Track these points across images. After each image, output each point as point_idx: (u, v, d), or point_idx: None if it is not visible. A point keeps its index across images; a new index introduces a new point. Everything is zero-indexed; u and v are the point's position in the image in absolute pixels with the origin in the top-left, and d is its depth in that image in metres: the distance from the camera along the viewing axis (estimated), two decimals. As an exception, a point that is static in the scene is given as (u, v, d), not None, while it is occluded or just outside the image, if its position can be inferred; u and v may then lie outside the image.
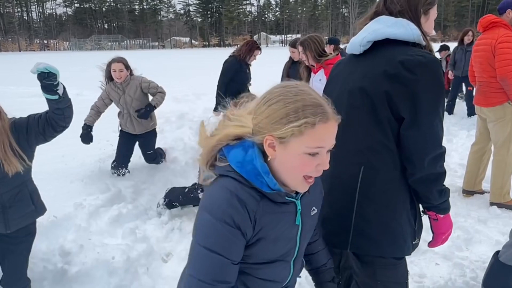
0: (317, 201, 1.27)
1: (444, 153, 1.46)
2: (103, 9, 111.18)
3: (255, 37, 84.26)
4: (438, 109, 1.42)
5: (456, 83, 7.89)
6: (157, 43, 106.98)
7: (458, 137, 6.17)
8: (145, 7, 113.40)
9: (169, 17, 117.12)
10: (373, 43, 1.52)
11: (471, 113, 7.16)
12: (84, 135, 4.09)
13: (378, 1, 1.60)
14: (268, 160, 1.07)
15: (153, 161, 4.55)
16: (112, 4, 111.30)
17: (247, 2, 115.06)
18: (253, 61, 5.00)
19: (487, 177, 4.05)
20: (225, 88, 4.83)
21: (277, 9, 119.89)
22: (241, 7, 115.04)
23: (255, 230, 1.06)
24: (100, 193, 3.78)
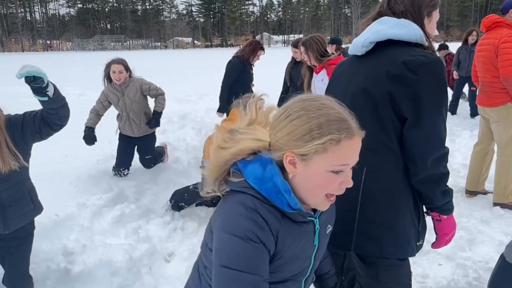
0: (332, 218, 1.23)
1: (447, 154, 1.46)
2: (106, 9, 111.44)
3: (258, 37, 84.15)
4: (441, 110, 1.42)
5: (459, 83, 7.87)
6: (159, 44, 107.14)
7: (461, 137, 6.16)
8: (147, 7, 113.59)
9: (171, 17, 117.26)
10: (375, 44, 1.51)
11: (474, 114, 7.14)
12: (87, 136, 4.06)
13: (381, 1, 1.59)
14: (288, 177, 1.01)
15: (151, 166, 4.45)
16: (115, 4, 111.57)
17: (250, 2, 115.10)
18: (257, 62, 5.01)
19: (490, 177, 4.03)
20: (229, 89, 4.83)
21: (280, 9, 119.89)
22: (243, 7, 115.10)
23: (276, 249, 1.01)
24: (103, 193, 3.79)
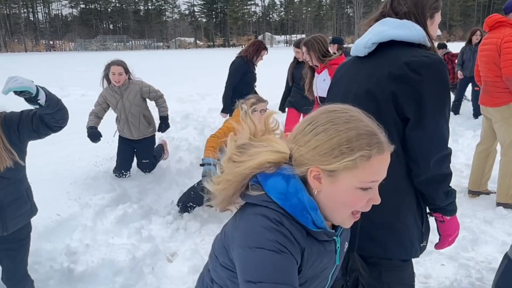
0: (348, 234, 1.18)
1: (450, 154, 1.45)
2: (109, 9, 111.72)
3: (260, 37, 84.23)
4: (443, 110, 1.42)
5: (463, 83, 7.85)
6: (162, 44, 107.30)
7: (464, 137, 6.14)
8: (150, 7, 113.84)
9: (174, 17, 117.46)
10: (378, 45, 1.51)
11: (477, 114, 7.12)
12: (91, 134, 3.99)
13: (384, 2, 1.59)
14: (312, 193, 0.96)
15: (148, 170, 4.35)
16: (117, 4, 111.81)
17: (252, 2, 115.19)
18: (260, 62, 5.00)
19: (493, 178, 4.03)
20: (232, 89, 4.83)
21: (282, 9, 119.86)
22: (245, 7, 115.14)
23: (300, 266, 0.95)
24: (105, 193, 3.80)
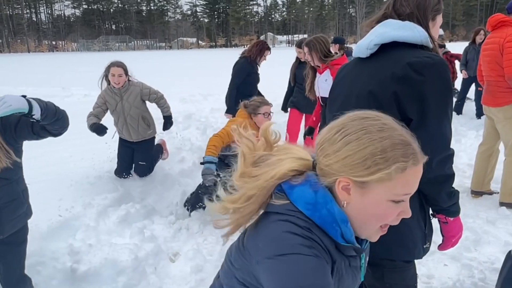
0: (369, 248, 1.12)
1: (452, 155, 1.45)
2: (111, 10, 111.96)
3: (262, 37, 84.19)
4: (446, 111, 1.42)
5: (466, 83, 7.83)
6: (164, 44, 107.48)
7: (466, 137, 6.13)
8: (152, 8, 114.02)
9: (176, 18, 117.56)
10: (380, 46, 1.51)
11: (480, 114, 7.10)
12: (97, 128, 3.91)
13: (387, 4, 1.59)
14: (340, 205, 0.91)
15: (144, 174, 4.23)
16: (119, 5, 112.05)
17: (254, 2, 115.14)
18: (263, 62, 5.00)
19: (496, 178, 4.02)
20: (236, 90, 4.83)
21: (284, 9, 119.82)
22: (247, 7, 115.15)
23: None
24: (108, 193, 3.81)
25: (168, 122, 4.40)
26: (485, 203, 3.87)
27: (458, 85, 8.28)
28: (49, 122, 1.97)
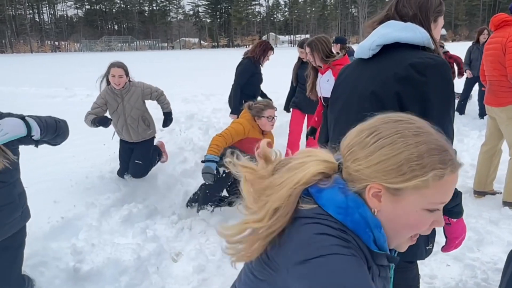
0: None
1: (454, 155, 1.45)
2: (113, 10, 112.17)
3: (264, 37, 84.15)
4: (448, 111, 1.42)
5: (469, 83, 7.80)
6: (166, 44, 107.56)
7: (469, 137, 6.12)
8: (154, 8, 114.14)
9: (178, 18, 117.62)
10: (382, 47, 1.52)
11: (482, 114, 7.08)
12: (100, 121, 3.83)
13: (389, 5, 1.60)
14: (372, 212, 0.86)
15: (138, 174, 4.12)
16: (122, 5, 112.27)
17: (256, 2, 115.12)
18: (266, 62, 5.00)
19: (498, 178, 4.01)
20: (240, 90, 4.83)
21: (286, 9, 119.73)
22: (250, 7, 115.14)
23: None
24: (110, 193, 3.83)
25: (168, 118, 4.37)
26: (488, 203, 3.86)
27: (458, 85, 8.25)
28: (49, 139, 1.96)
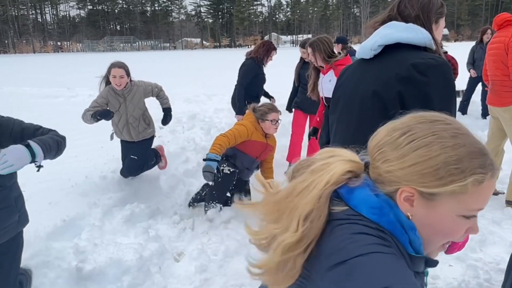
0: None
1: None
2: (116, 10, 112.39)
3: (266, 37, 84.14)
4: (450, 111, 1.43)
5: (472, 83, 7.78)
6: (168, 44, 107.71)
7: (471, 137, 6.09)
8: (156, 8, 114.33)
9: (180, 18, 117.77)
10: (384, 47, 1.53)
11: (485, 114, 7.06)
12: (101, 113, 3.74)
13: (391, 6, 1.61)
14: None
15: (131, 170, 4.01)
16: (124, 6, 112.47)
17: (258, 2, 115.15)
18: (269, 62, 5.00)
19: (501, 178, 3.99)
20: (244, 91, 4.83)
21: (288, 10, 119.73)
22: (252, 7, 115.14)
23: None
24: (113, 192, 3.83)
25: (168, 114, 4.32)
26: (490, 204, 3.85)
27: (460, 85, 8.23)
28: (51, 158, 1.98)
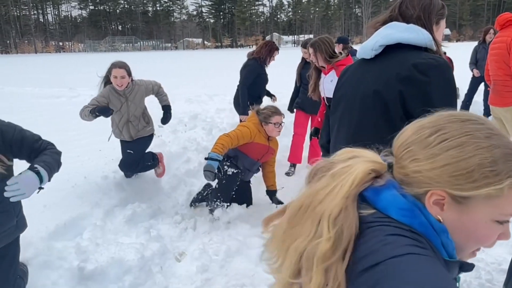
0: None
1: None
2: (117, 11, 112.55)
3: (268, 37, 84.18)
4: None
5: (475, 83, 7.76)
6: (170, 44, 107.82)
7: (473, 137, 6.08)
8: (158, 8, 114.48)
9: (182, 18, 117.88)
10: (384, 47, 1.54)
11: (487, 114, 7.03)
12: (100, 110, 3.65)
13: (393, 6, 1.62)
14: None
15: (126, 165, 3.95)
16: (126, 6, 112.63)
17: (260, 2, 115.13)
18: (272, 62, 5.00)
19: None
20: (247, 91, 4.83)
21: (290, 10, 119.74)
22: (253, 7, 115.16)
23: None
24: (114, 192, 3.84)
25: (168, 112, 4.27)
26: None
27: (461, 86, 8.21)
28: (52, 176, 2.02)
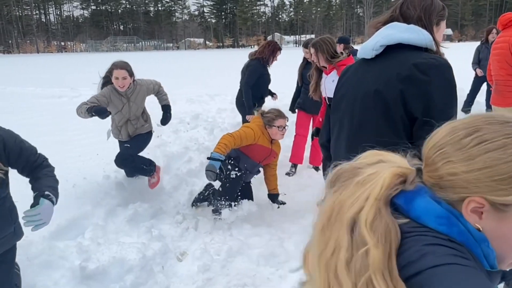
0: None
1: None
2: (119, 11, 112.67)
3: (269, 37, 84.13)
4: (451, 110, 1.46)
5: (477, 83, 7.74)
6: (171, 44, 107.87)
7: (475, 137, 6.07)
8: (160, 8, 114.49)
9: (183, 18, 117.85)
10: (385, 47, 1.55)
11: (489, 114, 7.03)
12: (97, 110, 3.50)
13: (394, 7, 1.63)
14: None
15: (120, 158, 3.74)
16: (127, 6, 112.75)
17: (261, 2, 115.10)
18: (274, 62, 4.99)
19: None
20: (250, 92, 4.82)
21: (291, 10, 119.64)
22: (255, 7, 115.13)
23: None
24: (116, 192, 3.84)
25: (167, 112, 4.23)
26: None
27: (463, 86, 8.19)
28: None
